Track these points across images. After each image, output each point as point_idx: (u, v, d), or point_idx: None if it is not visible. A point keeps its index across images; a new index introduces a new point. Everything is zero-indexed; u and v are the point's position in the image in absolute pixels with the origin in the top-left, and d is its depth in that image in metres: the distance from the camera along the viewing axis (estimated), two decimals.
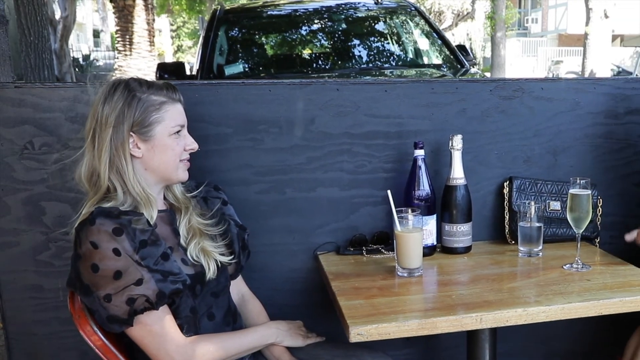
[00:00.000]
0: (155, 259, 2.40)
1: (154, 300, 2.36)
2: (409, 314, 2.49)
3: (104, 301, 2.35)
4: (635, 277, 2.82)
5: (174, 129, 2.55)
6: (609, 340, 3.58)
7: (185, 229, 2.64)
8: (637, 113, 3.53)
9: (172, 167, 2.57)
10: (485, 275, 2.95)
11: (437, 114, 3.33)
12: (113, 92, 2.47)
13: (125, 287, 2.34)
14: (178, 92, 2.60)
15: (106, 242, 2.32)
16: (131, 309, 2.35)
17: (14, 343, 3.15)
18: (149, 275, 2.36)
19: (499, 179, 3.44)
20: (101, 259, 2.32)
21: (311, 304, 3.32)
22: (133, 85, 2.50)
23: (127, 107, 2.45)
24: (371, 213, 3.34)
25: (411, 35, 8.53)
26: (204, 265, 2.61)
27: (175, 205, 2.69)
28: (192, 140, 2.64)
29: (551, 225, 3.32)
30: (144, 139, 2.49)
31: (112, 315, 2.36)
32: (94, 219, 2.34)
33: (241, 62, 7.72)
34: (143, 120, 2.47)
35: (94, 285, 2.35)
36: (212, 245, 2.68)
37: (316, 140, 3.23)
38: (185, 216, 2.66)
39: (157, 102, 2.51)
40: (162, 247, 2.45)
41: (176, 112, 2.57)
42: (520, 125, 3.43)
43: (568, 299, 2.56)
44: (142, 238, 2.39)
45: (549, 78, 4.56)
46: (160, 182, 2.61)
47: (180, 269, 2.48)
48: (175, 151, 2.56)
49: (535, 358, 3.75)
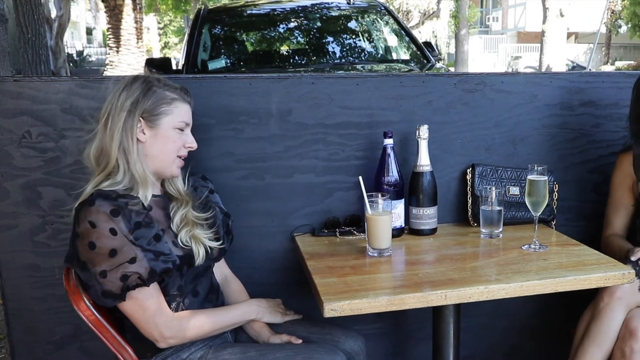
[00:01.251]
0: (148, 240, 2.45)
1: (145, 278, 2.41)
2: (379, 291, 2.50)
3: (99, 277, 2.39)
4: (589, 256, 2.85)
5: (179, 124, 2.62)
6: (564, 316, 3.58)
7: (179, 219, 2.67)
8: (590, 105, 3.56)
9: (169, 159, 2.62)
10: (450, 255, 2.97)
11: (405, 106, 3.35)
12: (132, 83, 2.55)
13: (120, 264, 2.39)
14: (190, 95, 2.68)
15: (104, 222, 2.37)
16: (124, 284, 2.40)
17: (13, 318, 3.17)
18: (142, 254, 2.41)
19: (462, 166, 3.47)
20: (98, 238, 2.37)
21: (288, 281, 3.34)
22: (151, 79, 2.58)
23: (142, 95, 2.53)
24: (344, 197, 3.36)
25: (381, 32, 8.52)
26: (194, 250, 2.65)
27: (175, 197, 2.73)
28: (192, 139, 2.69)
29: (510, 209, 3.35)
30: (151, 125, 2.55)
31: (107, 290, 2.41)
32: (93, 201, 2.39)
33: (223, 57, 7.70)
34: (153, 108, 2.54)
35: (91, 261, 2.40)
36: (202, 233, 2.72)
37: (293, 130, 3.26)
38: (185, 208, 2.70)
39: (169, 97, 2.58)
40: (155, 229, 2.50)
41: (184, 110, 2.64)
42: (482, 116, 3.45)
43: (526, 277, 2.58)
44: (137, 220, 2.44)
45: (509, 72, 4.54)
46: (155, 172, 2.65)
47: (170, 250, 2.54)
48: (175, 144, 2.62)
49: (496, 332, 3.77)
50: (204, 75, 3.47)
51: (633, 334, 2.87)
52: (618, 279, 2.68)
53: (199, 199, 2.83)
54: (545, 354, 3.85)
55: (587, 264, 2.75)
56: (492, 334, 3.77)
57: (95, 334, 2.54)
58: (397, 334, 3.67)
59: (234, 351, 2.68)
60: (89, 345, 3.19)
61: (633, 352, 2.86)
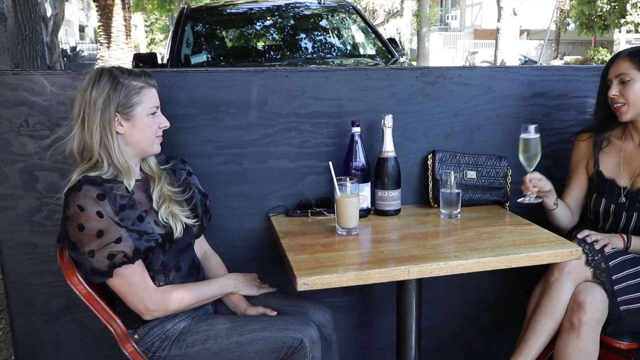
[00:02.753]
0: (132, 221, 2.47)
1: (130, 256, 2.44)
2: (348, 267, 2.51)
3: (88, 256, 2.42)
4: (540, 235, 2.88)
5: (151, 110, 2.61)
6: (517, 290, 3.63)
7: (157, 195, 2.68)
8: (541, 96, 3.58)
9: (149, 142, 2.64)
10: (412, 234, 3.00)
11: (371, 97, 3.36)
12: (99, 79, 2.52)
13: (107, 244, 2.41)
14: (153, 78, 2.66)
15: (91, 206, 2.38)
16: (111, 262, 2.42)
17: (12, 291, 3.17)
18: (127, 235, 2.43)
19: (423, 152, 3.49)
20: (86, 220, 2.39)
21: (264, 258, 3.35)
22: (116, 72, 2.55)
23: (112, 91, 2.50)
24: (315, 181, 3.37)
25: (349, 30, 8.52)
26: (172, 226, 2.66)
27: (149, 175, 2.74)
28: (164, 119, 2.70)
29: (468, 192, 3.38)
30: (127, 118, 2.55)
31: (95, 268, 2.43)
32: (80, 186, 2.40)
33: (205, 52, 7.67)
34: (126, 102, 2.53)
35: (80, 242, 2.42)
36: (179, 209, 2.73)
37: (268, 119, 3.27)
38: (158, 185, 2.71)
39: (137, 86, 2.57)
40: (138, 210, 2.52)
41: (152, 95, 2.63)
42: (441, 107, 3.47)
43: (482, 254, 2.61)
44: (122, 203, 2.45)
45: (466, 66, 4.52)
46: (138, 155, 2.67)
47: (153, 229, 2.55)
48: (152, 129, 2.63)
49: (454, 305, 3.79)
50: (187, 69, 3.47)
51: (581, 306, 2.90)
52: (567, 256, 2.72)
53: (178, 180, 2.85)
54: (500, 325, 3.87)
55: (538, 242, 2.78)
56: (451, 306, 3.79)
57: (87, 306, 2.57)
58: (364, 306, 3.68)
59: (214, 322, 2.71)
60: (82, 317, 3.20)
61: (581, 323, 2.89)
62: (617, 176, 3.26)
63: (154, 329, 2.67)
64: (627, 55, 3.11)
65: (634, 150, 3.24)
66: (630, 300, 3.01)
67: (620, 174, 3.26)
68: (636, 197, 3.17)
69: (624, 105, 3.10)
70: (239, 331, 2.69)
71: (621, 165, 3.27)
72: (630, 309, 3.00)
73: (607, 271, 2.99)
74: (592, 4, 32.60)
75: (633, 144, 3.25)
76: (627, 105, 3.10)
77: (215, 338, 2.67)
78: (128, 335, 2.64)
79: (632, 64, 3.07)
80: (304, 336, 2.69)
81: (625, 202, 3.19)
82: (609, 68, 3.17)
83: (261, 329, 2.69)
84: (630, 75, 3.07)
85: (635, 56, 3.08)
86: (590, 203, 3.33)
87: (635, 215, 3.16)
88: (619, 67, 3.11)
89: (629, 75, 3.07)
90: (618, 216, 3.22)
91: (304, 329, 2.72)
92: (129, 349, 2.63)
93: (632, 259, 3.10)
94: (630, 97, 3.08)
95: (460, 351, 3.89)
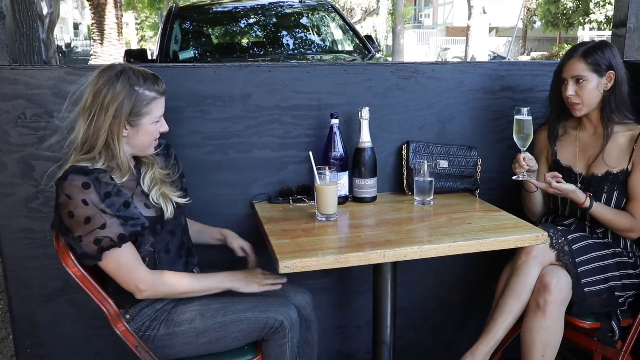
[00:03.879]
0: (118, 207, 2.46)
1: (116, 240, 2.44)
2: (327, 251, 2.53)
3: (77, 241, 2.43)
4: (508, 221, 2.90)
5: (157, 119, 2.61)
6: (487, 272, 3.64)
7: (149, 179, 2.68)
8: (509, 90, 3.61)
9: (147, 145, 2.63)
10: (388, 219, 3.02)
11: (349, 91, 3.37)
12: (115, 81, 2.48)
13: (92, 230, 2.41)
14: (164, 84, 2.63)
15: (76, 194, 2.39)
16: (99, 247, 2.43)
17: (10, 274, 3.18)
18: (111, 221, 2.43)
19: (398, 143, 3.50)
20: (75, 208, 2.39)
21: (248, 242, 3.28)
22: (133, 79, 2.51)
23: (127, 99, 2.47)
24: (296, 170, 3.38)
25: (328, 27, 8.54)
26: (163, 207, 2.66)
27: (142, 161, 2.73)
28: (165, 124, 2.68)
29: (440, 180, 3.40)
30: (133, 125, 2.54)
31: (84, 252, 2.45)
32: (66, 176, 2.41)
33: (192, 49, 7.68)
34: (136, 112, 2.51)
35: (70, 228, 2.44)
36: (170, 190, 2.74)
37: (252, 112, 3.27)
38: (151, 170, 2.70)
39: (149, 97, 2.54)
40: (124, 197, 2.50)
41: (161, 105, 2.62)
42: (415, 100, 3.49)
43: (454, 239, 2.63)
44: (106, 190, 2.44)
45: (439, 62, 4.53)
46: (134, 153, 2.66)
47: (139, 214, 2.55)
48: (153, 135, 2.63)
49: (427, 287, 3.81)
50: (175, 65, 3.49)
51: (546, 287, 2.93)
52: (533, 240, 2.74)
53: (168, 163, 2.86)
54: (470, 306, 3.90)
55: (506, 227, 2.81)
56: (424, 288, 3.80)
57: (81, 288, 2.57)
58: (342, 288, 3.70)
59: (201, 303, 2.72)
60: (76, 297, 3.20)
61: (546, 304, 2.93)
62: (573, 164, 3.31)
63: (145, 309, 2.68)
64: (581, 55, 3.13)
65: (588, 139, 3.29)
66: (593, 282, 3.05)
67: (576, 162, 3.30)
68: (590, 182, 3.23)
69: (579, 104, 3.16)
70: (223, 312, 2.71)
71: (577, 154, 3.31)
72: (593, 290, 3.05)
73: (570, 254, 3.03)
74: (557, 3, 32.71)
75: (587, 133, 3.30)
76: (581, 104, 3.16)
77: (202, 318, 2.69)
78: (120, 315, 2.64)
79: (586, 65, 3.11)
80: (284, 318, 2.72)
81: (581, 187, 3.22)
82: (563, 66, 3.21)
83: (245, 310, 2.71)
84: (585, 77, 3.12)
85: (589, 57, 3.11)
86: None
87: None
88: (574, 68, 3.15)
89: (584, 77, 3.12)
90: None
91: (284, 311, 2.74)
92: (120, 328, 2.63)
93: (595, 243, 3.15)
94: (584, 97, 3.14)
95: (432, 330, 3.91)
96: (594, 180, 3.22)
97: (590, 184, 3.22)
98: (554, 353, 3.01)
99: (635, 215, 3.16)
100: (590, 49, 3.14)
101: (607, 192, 3.18)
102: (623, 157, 3.17)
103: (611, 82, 3.12)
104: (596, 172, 3.22)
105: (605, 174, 3.19)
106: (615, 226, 3.19)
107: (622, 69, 3.14)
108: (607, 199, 3.19)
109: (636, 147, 3.13)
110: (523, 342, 3.03)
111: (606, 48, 3.14)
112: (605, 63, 3.11)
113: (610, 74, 3.11)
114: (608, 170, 3.19)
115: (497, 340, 3.04)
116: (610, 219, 3.17)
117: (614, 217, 3.17)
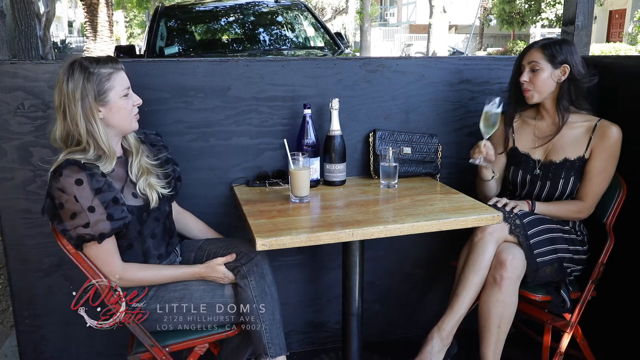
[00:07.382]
0: (106, 203, 2.44)
1: (97, 237, 2.44)
2: (300, 230, 2.53)
3: (62, 228, 2.44)
4: (466, 203, 2.91)
5: (124, 92, 2.56)
6: (448, 250, 3.67)
7: (136, 168, 2.66)
8: (467, 83, 3.61)
9: (127, 121, 2.60)
10: (356, 201, 3.01)
11: (320, 83, 3.37)
12: (72, 71, 2.46)
13: (76, 226, 2.41)
14: (119, 62, 2.60)
15: (69, 190, 2.37)
16: (80, 239, 2.44)
17: (10, 251, 3.18)
18: (95, 219, 2.41)
19: (366, 131, 3.50)
20: (66, 201, 2.39)
21: (228, 223, 3.35)
22: (85, 63, 2.49)
23: (86, 81, 2.45)
24: (272, 156, 3.38)
25: (301, 25, 8.54)
26: (149, 197, 2.65)
27: (129, 151, 2.70)
28: (137, 97, 2.64)
29: (404, 165, 3.40)
30: (103, 104, 2.50)
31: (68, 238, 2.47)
32: (61, 171, 2.38)
33: (177, 45, 7.66)
34: (100, 89, 2.48)
35: (58, 218, 2.44)
36: (156, 181, 2.72)
37: (232, 103, 3.26)
38: (137, 157, 2.68)
39: (106, 73, 2.50)
40: (114, 192, 2.48)
41: (122, 78, 2.57)
42: (381, 92, 3.49)
43: (416, 219, 2.62)
44: (97, 186, 2.42)
45: (403, 57, 4.52)
46: (119, 134, 2.63)
47: (125, 211, 2.52)
48: (127, 109, 2.58)
49: (393, 262, 3.82)
50: (161, 59, 3.44)
51: (503, 264, 2.95)
52: (489, 220, 2.74)
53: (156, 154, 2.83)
54: (431, 280, 3.91)
55: (464, 209, 2.81)
56: (389, 264, 3.81)
57: (74, 264, 2.57)
58: (314, 264, 3.70)
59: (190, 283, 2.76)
60: (70, 273, 3.19)
61: (502, 279, 2.94)
62: (531, 151, 3.32)
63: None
64: (540, 46, 3.17)
65: (546, 128, 3.30)
66: (544, 252, 3.07)
67: (535, 149, 3.32)
68: (548, 168, 3.24)
69: (531, 90, 3.18)
70: (211, 294, 2.73)
71: (535, 142, 3.32)
72: (545, 260, 3.07)
73: (522, 227, 3.05)
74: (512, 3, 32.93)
75: (545, 123, 3.31)
76: (533, 90, 3.18)
77: (190, 297, 2.70)
78: (110, 288, 2.63)
79: (544, 55, 3.13)
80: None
81: (539, 173, 3.25)
82: (523, 55, 3.24)
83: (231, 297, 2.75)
84: (540, 65, 3.14)
85: (547, 48, 3.13)
86: (509, 175, 3.38)
87: (547, 184, 3.23)
88: (531, 56, 3.18)
89: (539, 65, 3.14)
90: (533, 185, 3.28)
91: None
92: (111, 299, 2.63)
93: (544, 218, 3.18)
94: (537, 84, 3.16)
95: (397, 302, 3.91)
96: (552, 167, 3.24)
97: (548, 170, 3.24)
98: (508, 324, 3.03)
99: (583, 198, 3.20)
100: (550, 43, 3.16)
101: (564, 177, 3.21)
102: (580, 145, 3.20)
103: (565, 75, 3.13)
104: (554, 159, 3.24)
105: (562, 161, 3.22)
106: (563, 216, 3.24)
107: (579, 64, 3.15)
108: (564, 184, 3.22)
109: (594, 136, 3.16)
110: (480, 314, 3.05)
111: (565, 44, 3.17)
112: (562, 57, 3.12)
113: (565, 67, 3.12)
114: (566, 158, 3.21)
115: (462, 315, 3.05)
116: (555, 213, 3.23)
117: (558, 210, 3.23)
